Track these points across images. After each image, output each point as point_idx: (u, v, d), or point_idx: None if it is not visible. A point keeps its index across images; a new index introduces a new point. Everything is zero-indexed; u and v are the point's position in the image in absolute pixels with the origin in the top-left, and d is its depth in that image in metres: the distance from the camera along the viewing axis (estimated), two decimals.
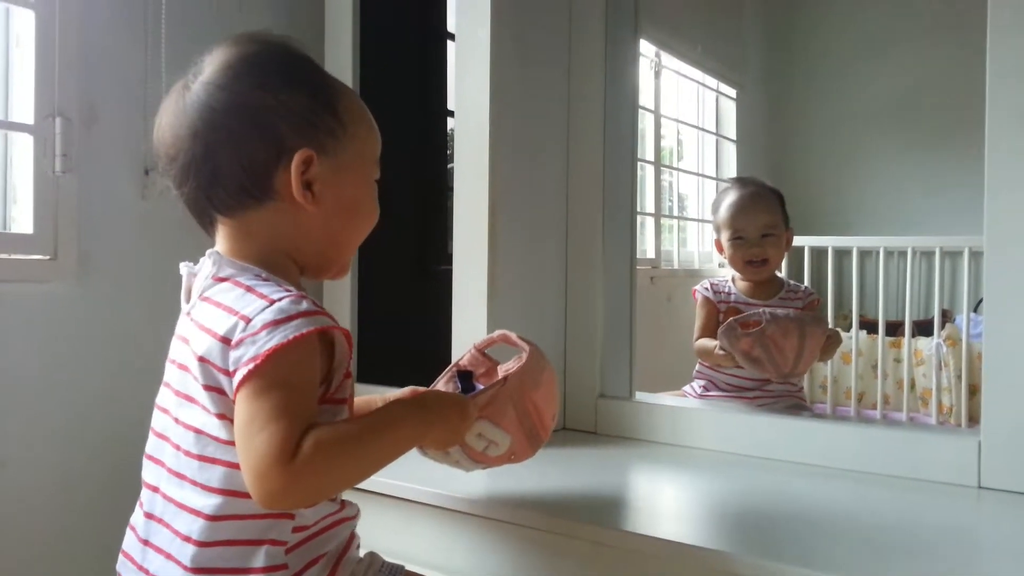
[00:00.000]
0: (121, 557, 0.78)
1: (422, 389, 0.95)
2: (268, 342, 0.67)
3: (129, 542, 0.78)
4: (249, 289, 0.72)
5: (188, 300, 0.78)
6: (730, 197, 1.74)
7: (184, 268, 0.80)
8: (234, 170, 0.75)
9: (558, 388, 0.97)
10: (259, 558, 0.70)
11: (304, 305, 0.70)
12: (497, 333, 0.99)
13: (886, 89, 3.19)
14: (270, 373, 0.67)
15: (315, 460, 0.65)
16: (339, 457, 0.67)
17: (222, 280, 0.75)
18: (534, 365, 0.90)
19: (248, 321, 0.69)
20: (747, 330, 1.51)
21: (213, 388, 0.70)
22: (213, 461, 0.71)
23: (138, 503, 0.78)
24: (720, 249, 1.76)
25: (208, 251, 0.78)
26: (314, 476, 0.66)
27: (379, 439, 0.72)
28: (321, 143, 0.77)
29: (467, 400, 0.83)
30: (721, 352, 1.56)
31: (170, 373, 0.78)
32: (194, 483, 0.72)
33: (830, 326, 2.46)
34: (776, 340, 1.51)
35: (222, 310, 0.72)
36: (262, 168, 0.75)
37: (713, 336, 1.67)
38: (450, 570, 1.02)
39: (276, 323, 0.68)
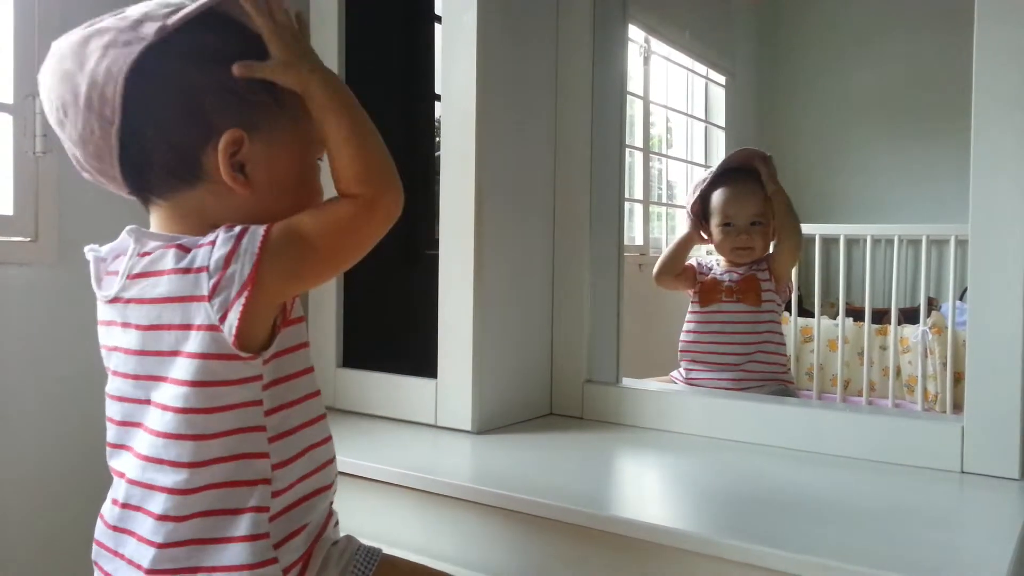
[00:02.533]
0: (95, 546, 0.77)
1: None
2: (245, 266, 0.67)
3: (100, 530, 0.77)
4: (180, 247, 0.70)
5: (101, 285, 0.75)
6: (721, 184, 1.77)
7: (90, 252, 0.77)
8: (162, 152, 0.72)
9: None
10: (242, 526, 0.70)
11: (237, 227, 0.69)
12: None
13: (875, 78, 3.20)
14: (265, 266, 0.68)
15: (361, 186, 0.72)
16: (370, 147, 0.73)
17: (147, 254, 0.72)
18: None
19: (206, 269, 0.68)
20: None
21: (191, 354, 0.69)
22: (181, 437, 0.70)
23: (110, 491, 0.77)
24: (704, 233, 1.79)
25: (127, 228, 0.75)
26: (376, 178, 0.72)
27: (355, 114, 0.74)
28: (253, 121, 0.73)
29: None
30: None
31: (118, 361, 0.75)
32: (160, 462, 0.71)
33: (815, 312, 2.49)
34: None
35: (167, 275, 0.70)
36: (190, 149, 0.72)
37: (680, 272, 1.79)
38: (433, 554, 1.02)
39: (233, 251, 0.68)
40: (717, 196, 1.76)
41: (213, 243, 0.69)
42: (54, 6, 1.22)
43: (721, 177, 1.80)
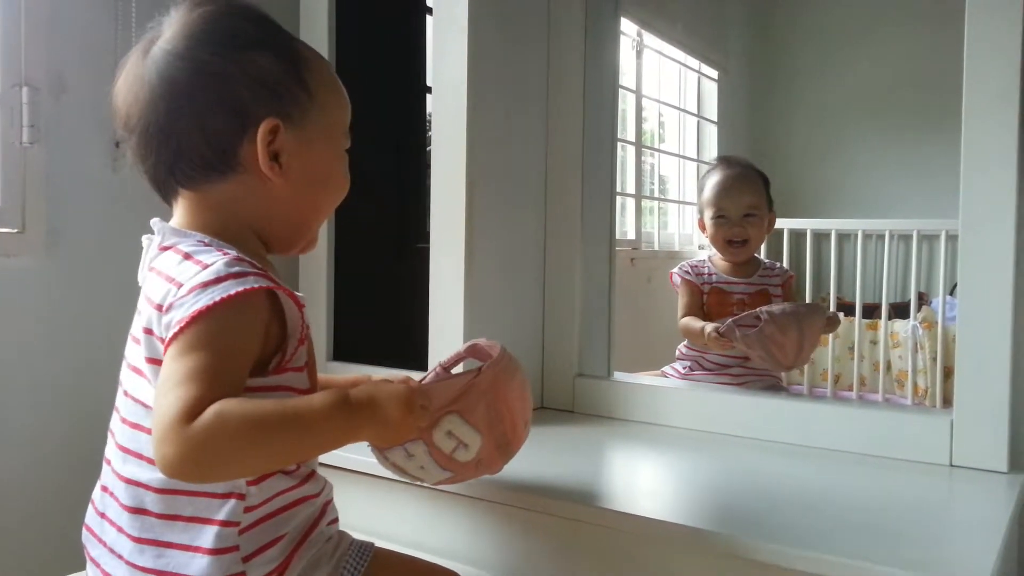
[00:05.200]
0: (84, 530, 0.77)
1: (376, 377, 0.92)
2: (194, 304, 0.65)
3: (89, 515, 0.77)
4: (187, 256, 0.71)
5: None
6: (715, 176, 1.75)
7: (146, 240, 0.78)
8: (197, 143, 0.73)
9: (532, 397, 0.88)
10: (209, 538, 0.69)
11: (236, 268, 0.68)
12: (465, 347, 0.90)
13: (867, 73, 3.20)
14: (193, 334, 0.65)
15: (211, 430, 0.61)
16: (238, 434, 0.62)
17: (166, 249, 0.73)
18: (507, 363, 0.82)
19: (180, 286, 0.68)
20: (746, 330, 1.53)
21: (153, 360, 0.69)
22: (126, 450, 0.71)
23: (100, 476, 0.77)
24: (703, 228, 1.77)
25: (152, 221, 0.76)
26: (207, 446, 0.61)
27: (291, 431, 0.65)
28: (287, 112, 0.74)
29: (408, 388, 0.71)
30: (714, 336, 1.57)
31: (127, 347, 0.76)
32: (140, 456, 0.71)
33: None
34: (775, 338, 1.53)
35: (162, 279, 0.70)
36: (226, 140, 0.73)
37: (698, 316, 1.69)
38: (425, 548, 1.01)
39: (204, 285, 0.66)
40: (710, 187, 1.75)
41: (207, 266, 0.68)
42: None
43: (718, 166, 1.78)
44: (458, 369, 0.91)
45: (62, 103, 1.24)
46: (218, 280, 0.67)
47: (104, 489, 0.75)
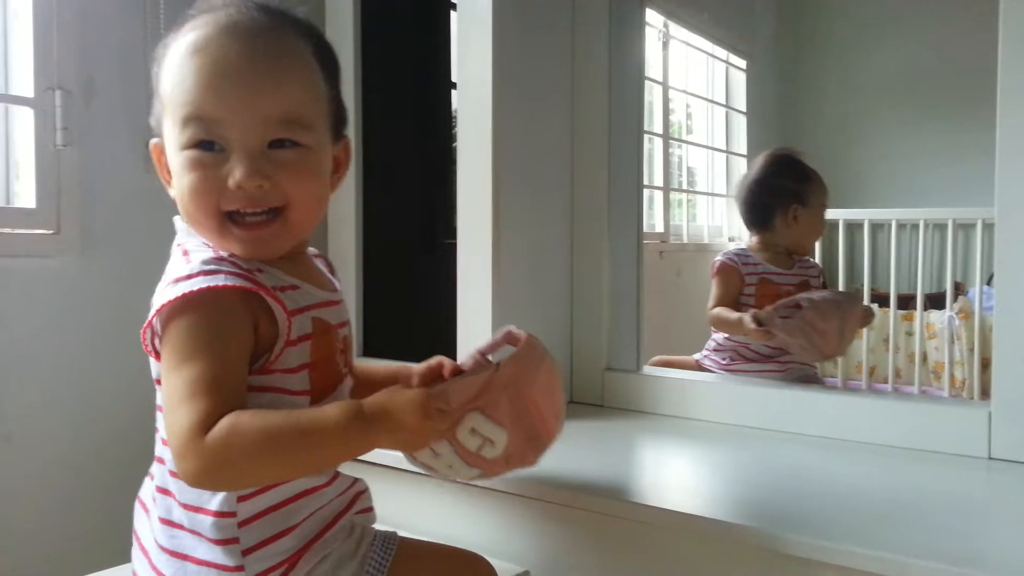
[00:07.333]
0: (136, 503, 0.79)
1: (415, 368, 0.89)
2: (160, 299, 0.68)
3: (142, 488, 0.79)
4: (185, 252, 0.73)
5: None
6: (808, 171, 1.75)
7: None
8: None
9: (563, 384, 0.85)
10: (206, 526, 0.70)
11: (211, 266, 0.68)
12: (501, 333, 0.87)
13: (898, 60, 3.14)
14: (176, 341, 0.66)
15: (225, 442, 0.62)
16: (253, 448, 0.63)
17: (179, 247, 0.76)
18: (530, 353, 0.81)
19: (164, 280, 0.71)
20: (786, 316, 1.51)
21: (153, 352, 0.72)
22: (156, 431, 0.74)
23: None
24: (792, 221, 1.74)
25: (175, 218, 0.78)
26: (223, 458, 0.63)
27: (306, 444, 0.65)
28: (159, 126, 0.75)
29: (422, 394, 0.70)
30: (754, 325, 1.55)
31: None
32: (164, 441, 0.73)
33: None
34: (816, 325, 1.51)
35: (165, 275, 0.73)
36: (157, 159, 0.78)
37: (732, 307, 1.67)
38: (453, 542, 1.02)
39: (176, 281, 0.68)
40: (810, 187, 1.72)
41: (191, 261, 0.71)
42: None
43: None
44: (501, 355, 0.90)
45: (94, 106, 1.26)
46: (189, 276, 0.68)
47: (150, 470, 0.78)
